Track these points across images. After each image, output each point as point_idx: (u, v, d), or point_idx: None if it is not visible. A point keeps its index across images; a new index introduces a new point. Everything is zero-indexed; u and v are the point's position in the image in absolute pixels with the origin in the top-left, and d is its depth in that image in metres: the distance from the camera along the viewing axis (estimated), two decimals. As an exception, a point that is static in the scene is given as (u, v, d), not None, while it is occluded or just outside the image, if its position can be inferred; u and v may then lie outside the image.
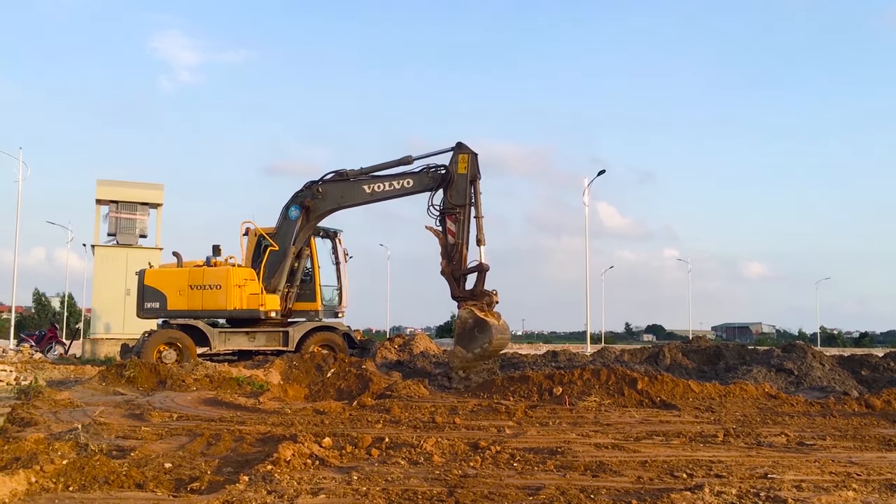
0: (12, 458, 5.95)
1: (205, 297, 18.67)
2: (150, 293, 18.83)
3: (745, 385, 12.90)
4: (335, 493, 5.39)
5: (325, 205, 18.51)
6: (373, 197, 18.23)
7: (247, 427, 8.72)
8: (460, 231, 17.27)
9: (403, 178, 18.04)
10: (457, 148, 17.62)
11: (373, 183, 18.12)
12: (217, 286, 18.63)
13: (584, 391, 12.27)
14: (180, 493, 5.47)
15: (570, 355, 20.01)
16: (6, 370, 15.44)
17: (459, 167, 17.48)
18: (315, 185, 18.47)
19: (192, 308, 18.72)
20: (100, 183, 27.16)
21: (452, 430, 8.92)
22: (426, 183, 17.78)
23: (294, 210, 18.63)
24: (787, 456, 7.28)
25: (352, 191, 18.30)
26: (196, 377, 13.74)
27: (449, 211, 17.34)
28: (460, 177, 17.41)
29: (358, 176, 18.24)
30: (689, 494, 5.31)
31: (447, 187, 17.44)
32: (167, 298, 18.72)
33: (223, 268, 18.82)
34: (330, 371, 14.39)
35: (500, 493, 5.47)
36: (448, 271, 17.12)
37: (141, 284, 18.96)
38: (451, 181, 17.41)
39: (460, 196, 17.31)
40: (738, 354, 18.58)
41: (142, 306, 18.86)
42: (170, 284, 18.89)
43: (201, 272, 18.80)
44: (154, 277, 19.02)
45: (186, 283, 18.78)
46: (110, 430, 8.42)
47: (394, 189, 18.04)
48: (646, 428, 9.23)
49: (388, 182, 18.05)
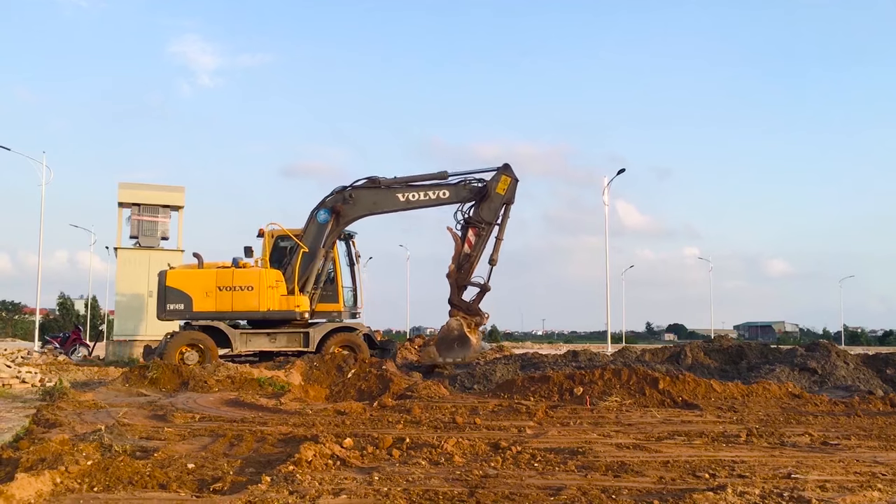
0: (38, 459, 6.02)
1: (235, 299, 18.73)
2: (174, 294, 18.68)
3: (768, 384, 12.80)
4: (356, 493, 5.40)
5: (356, 210, 18.99)
6: (407, 205, 18.82)
7: (268, 428, 8.77)
8: (479, 245, 18.26)
9: (440, 188, 18.73)
10: (503, 168, 18.48)
11: (407, 191, 18.72)
12: (249, 287, 18.77)
13: (605, 391, 12.23)
14: (203, 493, 5.51)
15: (591, 355, 19.92)
16: (31, 372, 15.63)
17: (499, 186, 18.36)
18: (346, 191, 18.88)
19: (220, 310, 18.71)
20: (122, 186, 27.39)
21: (473, 430, 8.92)
22: (462, 195, 18.60)
23: (323, 214, 18.98)
24: (811, 456, 7.22)
25: (385, 198, 18.87)
26: (218, 378, 13.83)
27: (475, 223, 18.23)
28: (497, 195, 18.33)
29: (391, 184, 18.69)
30: (712, 495, 5.28)
31: (480, 201, 18.31)
32: (193, 300, 18.64)
33: (254, 269, 18.97)
34: (350, 372, 14.44)
35: (521, 493, 5.46)
36: (454, 277, 18.17)
37: (163, 286, 18.81)
38: (486, 197, 18.28)
39: (491, 213, 18.32)
40: (760, 353, 18.43)
41: (164, 308, 18.71)
42: (195, 286, 18.80)
43: (230, 273, 18.83)
44: (178, 278, 18.89)
45: (214, 284, 18.74)
46: (134, 431, 8.49)
47: (429, 199, 18.74)
48: (667, 428, 9.18)
49: (423, 192, 18.74)
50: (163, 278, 18.93)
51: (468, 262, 18.30)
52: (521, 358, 18.99)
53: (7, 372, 15.31)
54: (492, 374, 15.28)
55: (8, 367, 16.00)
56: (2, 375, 14.95)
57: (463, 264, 18.30)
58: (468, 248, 18.23)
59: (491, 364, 17.28)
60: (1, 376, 14.90)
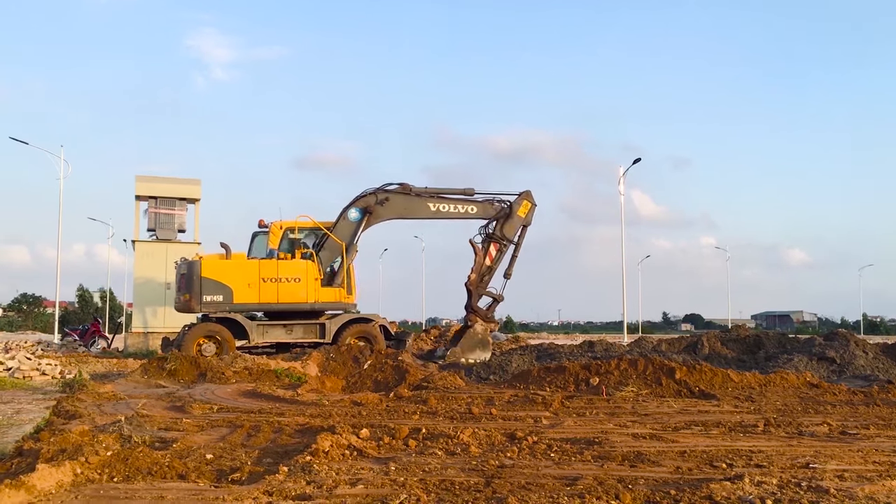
0: (58, 450, 6.08)
1: (281, 290, 18.79)
2: (211, 285, 18.43)
3: (786, 374, 12.72)
4: (373, 483, 5.42)
5: (388, 213, 19.95)
6: (436, 215, 20.20)
7: (286, 418, 8.81)
8: (498, 259, 20.22)
9: (468, 204, 20.25)
10: (525, 194, 20.44)
11: (438, 202, 20.05)
12: (296, 279, 18.92)
13: (621, 381, 12.20)
14: (221, 483, 5.55)
15: (607, 345, 19.88)
16: (51, 364, 15.80)
17: (521, 209, 20.31)
18: (380, 193, 19.74)
19: (264, 301, 18.76)
20: (139, 179, 27.52)
21: (489, 420, 8.93)
22: (488, 212, 20.30)
23: (355, 212, 19.69)
24: (830, 445, 7.18)
25: (416, 205, 20.07)
26: (235, 370, 13.92)
27: (497, 239, 20.13)
28: (518, 217, 20.27)
29: (421, 193, 20.11)
30: (729, 484, 5.26)
31: (503, 220, 20.15)
32: (233, 291, 18.52)
33: (301, 261, 19.12)
34: (367, 363, 14.49)
35: (538, 483, 5.46)
36: (475, 285, 19.97)
37: (196, 276, 18.42)
38: (509, 217, 20.17)
39: (513, 232, 20.27)
40: (778, 343, 18.32)
41: (199, 299, 18.36)
42: (236, 277, 18.68)
43: (274, 265, 18.89)
44: (216, 269, 18.66)
45: (258, 275, 18.73)
46: (153, 421, 8.56)
47: (457, 212, 20.23)
48: (684, 418, 9.15)
49: (452, 204, 20.16)
50: (196, 268, 18.57)
51: (489, 273, 20.16)
52: (536, 348, 19.00)
53: (28, 364, 15.49)
54: (508, 364, 15.28)
55: (28, 359, 16.19)
56: (22, 368, 15.13)
57: (484, 275, 20.09)
58: (489, 261, 20.09)
59: (507, 355, 17.31)
60: (22, 368, 15.08)
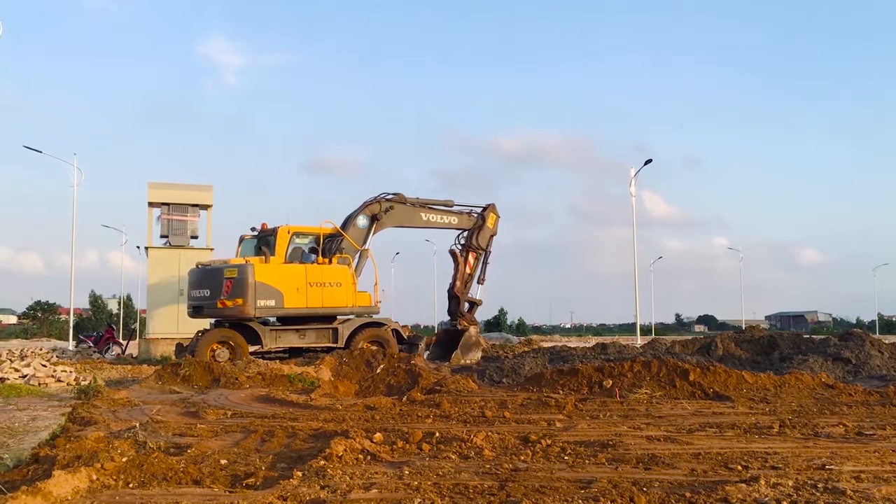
0: (74, 457, 6.11)
1: (325, 295, 18.96)
2: (264, 290, 18.19)
3: (801, 375, 12.64)
4: (387, 487, 5.43)
5: (391, 221, 21.08)
6: (426, 225, 22.12)
7: (299, 423, 8.83)
8: (476, 266, 22.67)
9: (451, 215, 22.36)
10: (491, 206, 23.08)
11: (428, 213, 21.93)
12: (338, 283, 19.21)
13: (634, 383, 12.15)
14: (236, 488, 5.57)
15: (620, 347, 19.83)
16: (66, 371, 15.87)
17: (490, 221, 22.93)
18: (384, 202, 20.86)
19: (311, 306, 18.88)
20: (151, 186, 27.64)
21: (502, 424, 8.91)
22: (465, 223, 22.62)
23: (363, 219, 20.55)
24: (846, 446, 7.13)
25: (413, 215, 21.63)
26: (249, 375, 13.96)
27: (474, 248, 22.57)
28: (488, 228, 22.85)
29: (414, 203, 21.66)
30: (745, 487, 5.23)
31: (477, 230, 22.58)
32: (284, 296, 18.45)
33: (341, 266, 19.36)
34: (380, 367, 14.50)
35: (552, 486, 5.45)
36: (460, 292, 22.27)
37: (250, 281, 18.00)
38: (482, 227, 22.66)
39: (485, 241, 22.84)
40: (793, 344, 18.22)
41: (254, 304, 18.00)
42: (286, 281, 18.61)
43: (319, 269, 19.05)
44: (268, 273, 18.40)
45: (305, 280, 18.80)
46: (167, 427, 8.60)
47: (443, 223, 22.27)
48: (699, 420, 9.11)
49: (439, 216, 22.18)
50: (250, 272, 18.12)
51: (470, 280, 22.64)
52: (549, 351, 18.99)
53: (43, 371, 15.56)
54: (520, 367, 15.26)
55: (44, 366, 16.26)
56: (38, 374, 15.21)
57: (467, 282, 22.56)
58: (469, 269, 22.51)
59: (519, 358, 17.28)
60: (37, 375, 15.15)
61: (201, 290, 18.95)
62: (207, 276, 18.93)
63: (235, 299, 18.05)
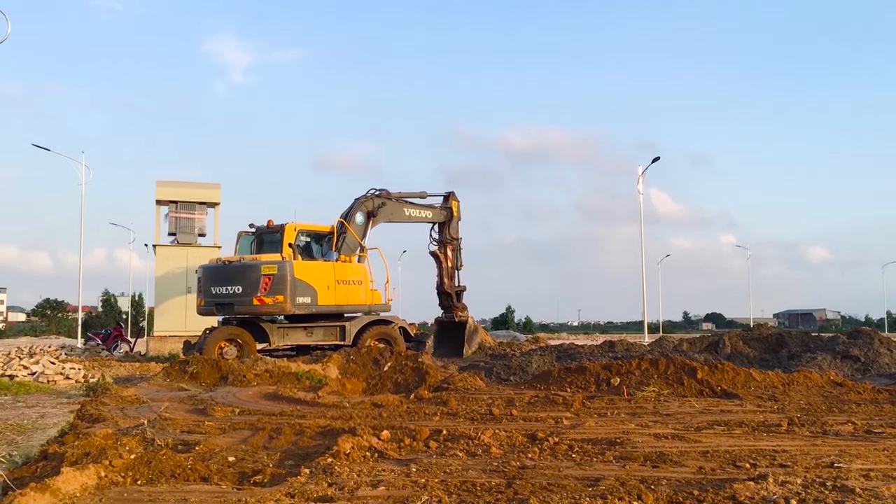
0: (82, 454, 6.14)
1: (349, 293, 19.23)
2: (302, 287, 18.29)
3: (809, 373, 12.60)
4: (394, 484, 5.43)
5: (383, 217, 21.17)
6: (409, 219, 22.30)
7: (307, 421, 8.84)
8: (456, 257, 23.19)
9: (427, 209, 22.68)
10: (452, 195, 23.28)
11: (410, 208, 22.22)
12: (359, 282, 19.52)
13: (642, 381, 12.13)
14: (244, 485, 5.58)
15: (628, 345, 19.80)
16: (75, 368, 15.94)
17: (455, 209, 23.18)
18: (376, 199, 21.02)
19: (339, 303, 19.16)
20: (159, 184, 27.70)
21: (510, 421, 8.91)
22: (437, 217, 22.86)
23: (360, 216, 20.49)
24: (855, 444, 7.10)
25: (399, 211, 21.89)
26: (256, 372, 13.98)
27: (450, 241, 22.94)
28: (455, 218, 23.15)
29: (398, 198, 21.92)
30: (753, 484, 5.22)
31: (448, 222, 22.90)
32: (318, 293, 18.60)
33: (360, 265, 19.70)
34: (387, 365, 14.51)
35: (559, 484, 5.44)
36: (449, 288, 22.73)
37: (290, 277, 18.02)
38: (451, 218, 22.97)
39: (457, 231, 23.26)
40: (801, 342, 18.16)
41: (293, 301, 18.01)
42: (319, 279, 18.75)
43: (344, 268, 19.24)
44: (305, 271, 18.50)
45: (334, 277, 18.99)
46: (175, 425, 8.62)
47: (421, 217, 22.60)
48: (706, 418, 9.09)
49: (418, 210, 22.51)
50: (290, 269, 18.11)
51: (454, 273, 23.18)
52: (557, 349, 18.96)
53: (52, 368, 15.64)
54: (528, 365, 15.24)
55: (52, 363, 16.35)
56: (47, 372, 15.28)
57: (452, 276, 23.09)
58: (450, 262, 23.01)
59: (527, 355, 17.26)
60: (46, 373, 15.23)
61: (230, 287, 18.35)
62: (238, 273, 18.38)
63: (276, 296, 17.85)
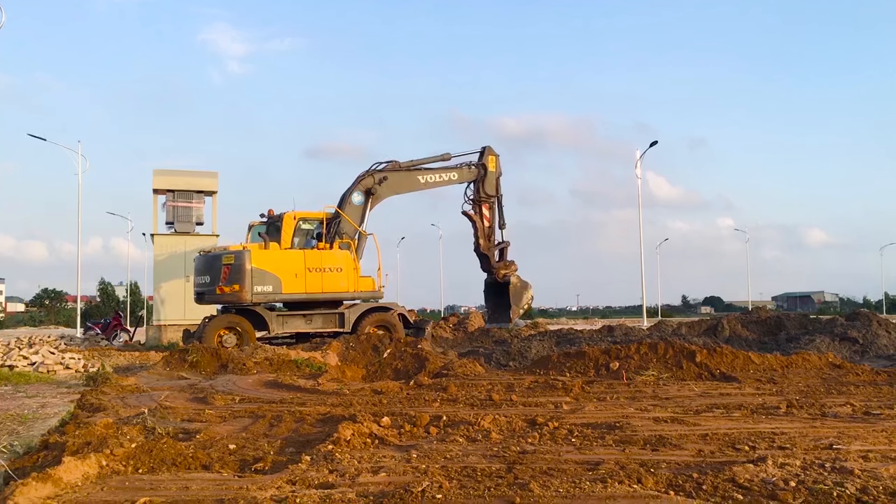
0: (83, 443, 6.14)
1: (325, 280, 18.92)
2: (261, 276, 18.18)
3: (808, 355, 12.64)
4: (395, 471, 5.44)
5: (387, 191, 20.54)
6: (425, 186, 21.33)
7: (307, 408, 8.85)
8: (493, 216, 22.19)
9: (450, 171, 21.66)
10: (488, 148, 22.13)
11: (425, 174, 21.27)
12: (339, 269, 19.15)
13: (641, 365, 12.16)
14: (245, 473, 5.59)
15: (627, 330, 19.86)
16: (74, 358, 15.95)
17: (491, 164, 22.08)
18: (376, 174, 20.32)
19: (310, 291, 18.84)
20: (156, 173, 27.61)
21: (510, 407, 8.93)
22: (466, 177, 21.89)
23: (357, 196, 20.09)
24: (853, 426, 7.12)
25: (409, 180, 21.08)
26: (256, 360, 14.00)
27: (485, 199, 21.96)
28: (492, 173, 22.05)
29: (409, 167, 21.09)
30: (752, 467, 5.24)
31: (481, 180, 21.88)
32: (282, 282, 18.46)
33: (342, 251, 19.29)
34: (386, 351, 14.53)
35: (559, 468, 5.46)
36: (486, 249, 21.84)
37: (246, 267, 17.97)
38: (484, 175, 21.93)
39: (493, 187, 22.09)
40: (799, 324, 18.21)
41: (251, 290, 17.97)
42: (284, 267, 18.57)
43: (318, 255, 19.01)
44: (265, 259, 18.36)
45: (303, 265, 18.76)
46: (176, 413, 8.63)
47: (442, 180, 21.55)
48: (705, 401, 9.11)
49: (437, 174, 21.49)
50: (246, 259, 18.10)
51: (492, 232, 22.12)
52: (556, 334, 19.01)
53: (51, 359, 15.66)
54: (527, 350, 15.29)
55: (52, 353, 16.37)
56: (46, 362, 15.29)
57: (490, 236, 22.03)
58: (487, 222, 22.00)
59: (526, 341, 17.31)
60: (45, 363, 15.24)
61: (203, 277, 19.17)
62: (207, 263, 19.06)
63: (233, 285, 18.12)
